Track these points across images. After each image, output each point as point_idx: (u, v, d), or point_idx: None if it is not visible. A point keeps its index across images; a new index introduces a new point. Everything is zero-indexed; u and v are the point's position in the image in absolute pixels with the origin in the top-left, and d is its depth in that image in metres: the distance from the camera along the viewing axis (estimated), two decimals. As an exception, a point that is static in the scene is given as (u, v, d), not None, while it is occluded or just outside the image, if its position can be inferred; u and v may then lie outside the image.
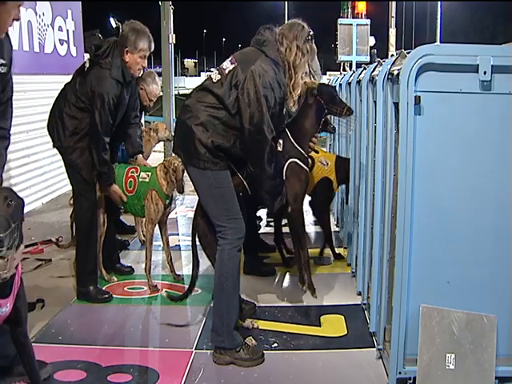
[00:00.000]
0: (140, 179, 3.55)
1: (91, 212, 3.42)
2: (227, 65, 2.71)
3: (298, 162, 2.99)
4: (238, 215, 2.71)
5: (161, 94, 4.83)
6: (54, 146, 3.48)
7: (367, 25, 11.59)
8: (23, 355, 2.21)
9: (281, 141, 2.95)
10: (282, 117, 2.92)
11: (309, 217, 5.31)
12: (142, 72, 3.51)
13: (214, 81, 2.70)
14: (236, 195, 2.73)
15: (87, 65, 3.37)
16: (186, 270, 4.00)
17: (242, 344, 2.72)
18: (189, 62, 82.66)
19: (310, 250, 3.21)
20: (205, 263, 4.12)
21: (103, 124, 3.26)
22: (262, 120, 2.61)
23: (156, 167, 3.61)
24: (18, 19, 2.18)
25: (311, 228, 4.99)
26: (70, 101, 3.36)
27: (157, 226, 3.66)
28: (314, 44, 2.83)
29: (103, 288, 3.54)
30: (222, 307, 2.72)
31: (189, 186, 3.69)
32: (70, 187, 3.61)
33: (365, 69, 3.32)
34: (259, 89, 2.60)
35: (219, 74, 2.70)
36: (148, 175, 3.56)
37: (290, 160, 2.98)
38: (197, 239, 2.97)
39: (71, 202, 4.54)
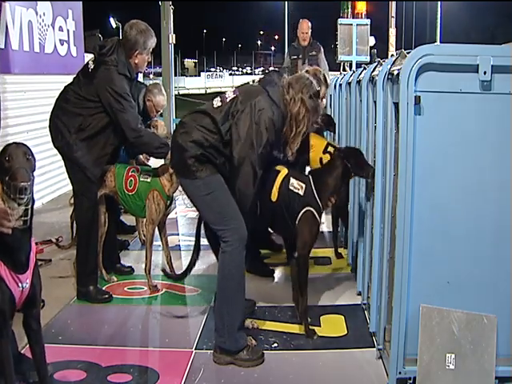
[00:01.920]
0: (141, 179, 3.55)
1: (92, 211, 3.42)
2: (229, 94, 2.76)
3: (314, 212, 2.95)
4: (235, 215, 2.68)
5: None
6: (54, 145, 3.47)
7: (367, 25, 11.57)
8: (34, 344, 2.21)
9: (303, 185, 2.94)
10: (272, 158, 2.89)
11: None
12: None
13: (215, 106, 2.72)
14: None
15: (91, 66, 3.37)
16: (185, 270, 4.00)
17: (245, 346, 2.71)
18: (189, 62, 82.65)
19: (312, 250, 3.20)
20: (205, 263, 4.14)
21: (132, 117, 3.30)
22: (249, 154, 2.61)
23: (158, 168, 3.60)
24: None
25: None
26: (73, 101, 3.35)
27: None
28: (320, 102, 2.84)
29: (103, 288, 3.54)
30: (222, 308, 2.72)
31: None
32: (70, 187, 3.61)
33: (365, 69, 3.32)
34: (253, 124, 2.61)
35: (221, 101, 2.74)
36: (149, 175, 3.56)
37: (307, 208, 2.94)
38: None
39: (71, 201, 4.54)
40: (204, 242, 4.71)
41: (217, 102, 2.74)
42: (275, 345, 2.87)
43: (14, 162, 1.98)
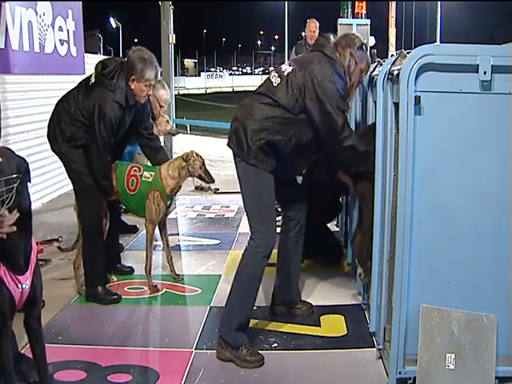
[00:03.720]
0: (143, 178, 3.54)
1: (96, 211, 3.42)
2: (286, 67, 2.81)
3: None
4: (270, 221, 2.74)
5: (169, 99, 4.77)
6: (52, 150, 3.49)
7: (367, 25, 11.57)
8: (35, 344, 2.21)
9: None
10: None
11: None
12: (146, 99, 3.53)
13: (275, 85, 2.76)
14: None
15: (93, 79, 3.37)
16: (186, 269, 4.01)
17: (244, 344, 2.71)
18: (189, 62, 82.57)
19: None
20: (204, 263, 4.14)
21: (103, 144, 3.28)
22: (329, 112, 2.66)
23: (160, 167, 3.59)
24: None
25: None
26: (69, 111, 3.36)
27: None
28: (368, 55, 2.89)
29: (103, 288, 3.53)
30: (232, 303, 2.76)
31: (188, 185, 3.70)
32: (70, 187, 3.60)
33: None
34: (321, 86, 2.66)
35: (279, 76, 2.78)
36: (151, 175, 3.54)
37: None
38: None
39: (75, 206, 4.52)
40: (203, 242, 4.72)
41: (275, 79, 2.78)
42: (275, 345, 2.87)
43: None
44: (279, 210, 3.17)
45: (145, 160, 4.53)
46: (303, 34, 7.07)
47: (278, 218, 2.89)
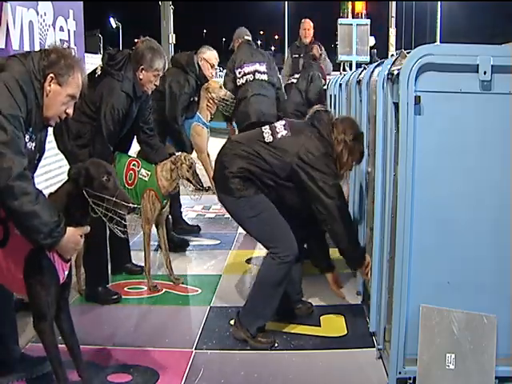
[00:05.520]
0: (140, 176, 3.52)
1: None
2: (280, 128, 2.81)
3: None
4: (285, 234, 2.75)
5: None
6: (58, 149, 3.48)
7: (367, 25, 11.56)
8: (69, 336, 2.34)
9: None
10: None
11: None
12: (152, 89, 3.52)
13: (266, 141, 2.77)
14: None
15: (99, 71, 3.37)
16: (186, 269, 4.00)
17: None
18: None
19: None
20: (205, 263, 4.14)
21: (109, 134, 3.28)
22: (332, 200, 2.70)
23: (157, 166, 3.58)
24: None
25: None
26: (76, 105, 3.35)
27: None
28: (364, 146, 2.89)
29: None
30: (253, 299, 2.83)
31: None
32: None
33: (365, 69, 3.32)
34: (312, 173, 2.69)
35: (272, 135, 2.79)
36: (148, 174, 3.53)
37: None
38: None
39: None
40: (203, 242, 4.71)
41: (268, 136, 2.79)
42: (275, 345, 2.87)
43: (115, 183, 2.20)
44: None
45: (204, 131, 4.64)
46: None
47: None
